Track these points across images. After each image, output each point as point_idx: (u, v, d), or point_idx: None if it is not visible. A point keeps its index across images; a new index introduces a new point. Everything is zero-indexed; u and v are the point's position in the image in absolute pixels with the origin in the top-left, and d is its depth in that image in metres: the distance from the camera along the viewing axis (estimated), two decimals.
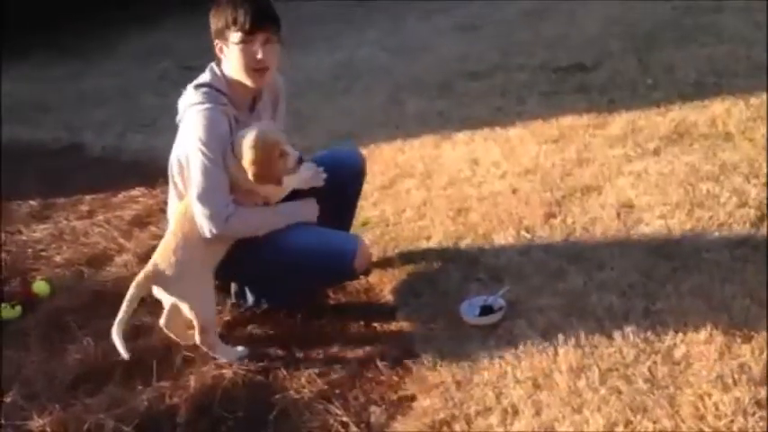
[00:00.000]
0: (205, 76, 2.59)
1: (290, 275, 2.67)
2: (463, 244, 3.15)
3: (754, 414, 2.07)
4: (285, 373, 2.56)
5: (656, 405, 2.15)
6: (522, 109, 4.55)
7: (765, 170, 3.29)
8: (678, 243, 2.90)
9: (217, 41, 2.57)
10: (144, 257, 3.41)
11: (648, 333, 2.44)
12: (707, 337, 2.37)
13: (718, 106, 4.02)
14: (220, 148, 2.51)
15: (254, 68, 2.55)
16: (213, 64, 2.62)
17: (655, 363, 2.31)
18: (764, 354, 2.27)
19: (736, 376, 2.20)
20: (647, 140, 3.79)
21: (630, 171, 3.50)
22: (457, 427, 2.22)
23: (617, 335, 2.45)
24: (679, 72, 4.64)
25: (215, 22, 2.56)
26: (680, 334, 2.41)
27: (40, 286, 3.21)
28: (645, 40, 5.33)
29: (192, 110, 2.52)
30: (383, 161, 4.11)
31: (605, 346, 2.41)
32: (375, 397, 2.41)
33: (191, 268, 2.56)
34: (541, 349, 2.45)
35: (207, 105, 2.51)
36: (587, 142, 3.90)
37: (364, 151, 4.12)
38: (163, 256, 2.57)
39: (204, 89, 2.55)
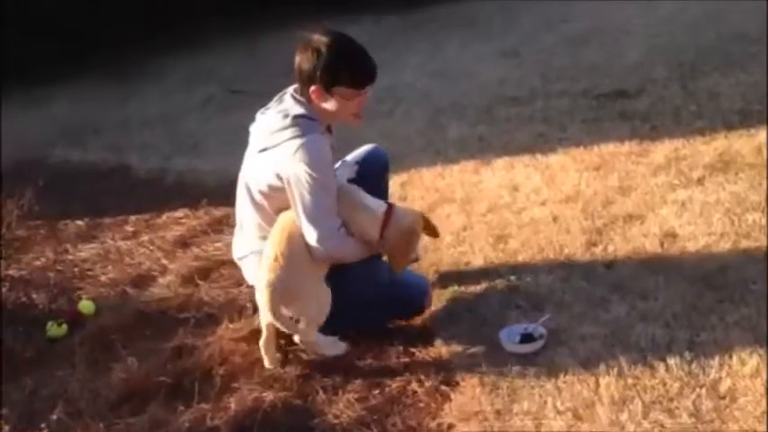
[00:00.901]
0: (297, 108, 2.64)
1: (367, 306, 2.76)
2: (503, 271, 3.14)
3: None
4: (324, 397, 2.57)
5: None
6: (563, 135, 4.53)
7: None
8: (723, 274, 2.85)
9: (315, 87, 2.62)
10: (187, 278, 3.49)
11: (693, 365, 2.40)
12: (753, 371, 2.33)
13: (764, 135, 3.95)
14: (330, 172, 2.65)
15: (355, 115, 2.72)
16: (293, 93, 2.69)
17: (699, 396, 2.27)
18: None
19: None
20: (690, 169, 3.74)
21: (674, 200, 3.46)
22: None
23: (660, 366, 2.41)
24: (724, 100, 4.58)
25: (322, 72, 2.59)
26: (725, 367, 2.37)
27: (85, 305, 3.29)
28: (689, 68, 5.27)
29: (295, 141, 2.58)
30: (423, 186, 4.13)
31: (648, 378, 2.38)
32: (413, 423, 2.41)
33: (309, 280, 2.64)
34: (583, 379, 2.42)
35: (310, 136, 2.60)
36: (629, 170, 3.87)
37: (404, 175, 4.20)
38: (276, 276, 2.58)
39: (302, 120, 2.62)
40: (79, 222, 4.35)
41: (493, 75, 6.17)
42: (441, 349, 2.73)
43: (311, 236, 2.60)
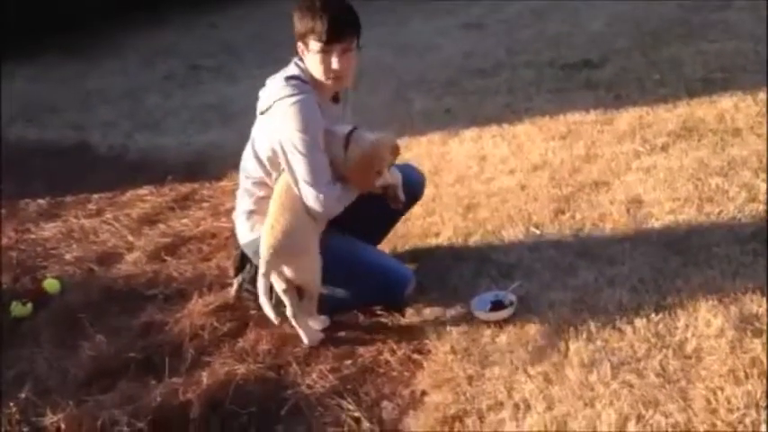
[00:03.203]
0: (293, 69, 2.69)
1: (345, 283, 2.76)
2: (472, 240, 3.16)
3: (766, 407, 2.07)
4: (297, 368, 2.56)
5: (668, 399, 2.16)
6: (529, 105, 4.55)
7: None
8: (688, 238, 2.90)
9: (299, 44, 2.67)
10: (154, 255, 3.44)
11: (659, 327, 2.44)
12: (718, 332, 2.37)
13: (726, 102, 4.02)
14: (318, 133, 2.64)
15: (332, 76, 2.67)
16: (296, 59, 2.72)
17: (666, 357, 2.31)
18: None
19: (747, 370, 2.20)
20: (655, 136, 3.79)
21: (639, 167, 3.51)
22: (469, 422, 2.22)
23: (628, 329, 2.45)
24: (686, 68, 4.64)
25: (297, 25, 2.65)
26: (691, 328, 2.42)
27: (50, 284, 3.23)
28: (651, 37, 5.33)
29: (285, 101, 2.62)
30: None
31: (616, 341, 2.42)
32: (387, 392, 2.42)
33: (306, 243, 2.63)
34: (553, 344, 2.45)
35: (300, 96, 2.62)
36: (595, 138, 3.91)
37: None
38: (276, 238, 2.58)
39: (294, 81, 2.65)
40: (40, 201, 4.25)
41: (458, 47, 6.17)
42: (412, 318, 2.74)
43: (310, 198, 2.61)
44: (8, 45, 7.27)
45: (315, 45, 2.61)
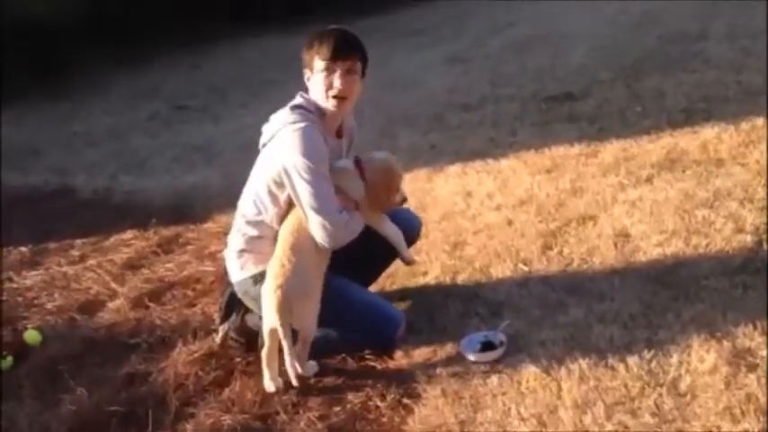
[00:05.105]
0: (297, 100, 2.74)
1: (337, 324, 2.73)
2: (460, 278, 3.13)
3: None
4: (285, 417, 2.50)
5: None
6: (513, 140, 4.56)
7: (759, 195, 3.29)
8: (677, 271, 2.88)
9: (305, 70, 2.73)
10: (137, 302, 3.38)
11: (652, 364, 2.40)
12: (711, 368, 2.34)
13: (708, 132, 4.04)
14: (324, 161, 2.65)
15: (333, 96, 2.70)
16: (302, 92, 2.77)
17: (660, 395, 2.27)
18: None
19: (743, 407, 2.16)
20: (639, 168, 3.79)
21: (625, 199, 3.49)
22: None
23: (621, 367, 2.41)
24: (668, 99, 4.67)
25: (305, 53, 2.71)
26: (684, 364, 2.38)
27: (31, 335, 3.16)
28: (632, 69, 5.37)
29: (290, 128, 2.64)
30: None
31: (609, 380, 2.38)
32: None
33: (314, 284, 2.60)
34: (545, 384, 2.40)
35: (304, 124, 2.64)
36: (580, 171, 3.90)
37: None
38: (286, 277, 2.55)
39: (299, 110, 2.69)
40: (22, 249, 4.18)
41: (442, 82, 6.20)
42: (401, 361, 2.69)
43: (317, 226, 2.60)
44: None
45: (319, 64, 2.66)
